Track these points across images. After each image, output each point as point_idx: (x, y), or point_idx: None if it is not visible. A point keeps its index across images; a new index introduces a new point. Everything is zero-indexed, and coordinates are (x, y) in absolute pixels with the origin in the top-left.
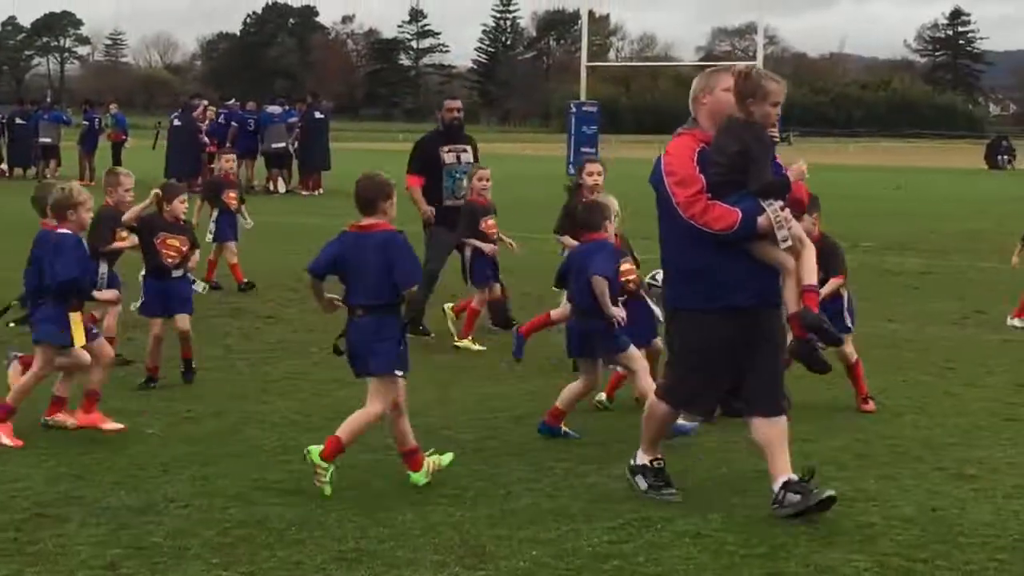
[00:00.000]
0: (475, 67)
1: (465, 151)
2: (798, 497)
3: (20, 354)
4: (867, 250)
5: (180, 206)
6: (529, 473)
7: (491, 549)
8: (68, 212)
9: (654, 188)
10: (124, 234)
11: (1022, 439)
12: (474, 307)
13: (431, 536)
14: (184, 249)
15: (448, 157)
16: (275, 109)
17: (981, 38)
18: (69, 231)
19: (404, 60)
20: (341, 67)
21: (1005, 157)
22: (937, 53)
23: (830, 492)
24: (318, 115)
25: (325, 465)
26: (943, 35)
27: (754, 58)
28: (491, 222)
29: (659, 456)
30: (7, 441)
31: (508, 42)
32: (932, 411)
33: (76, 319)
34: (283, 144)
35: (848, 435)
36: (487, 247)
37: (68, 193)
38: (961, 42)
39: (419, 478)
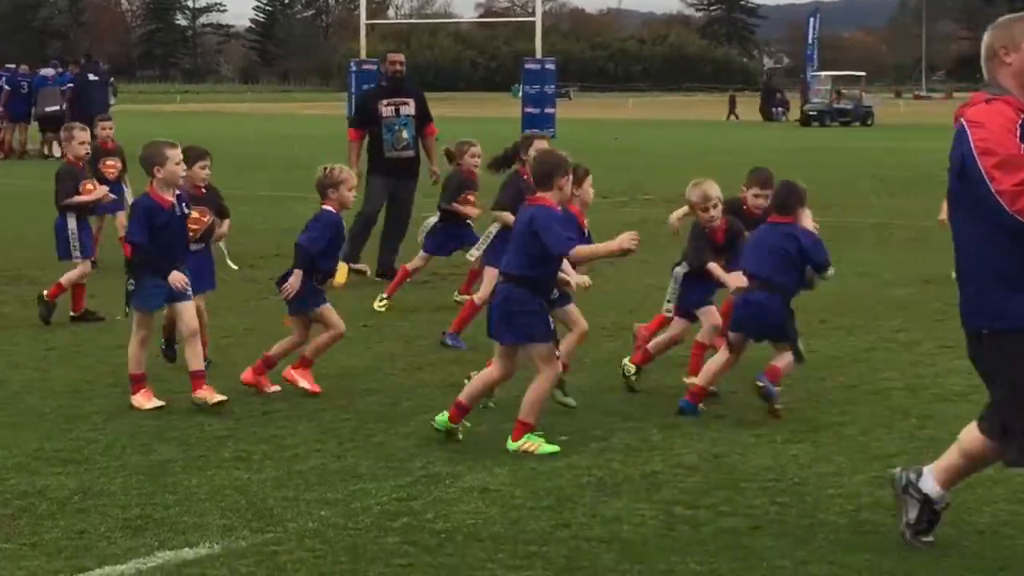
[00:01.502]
0: (253, 26)
1: (406, 103)
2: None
3: None
4: (647, 202)
5: (200, 172)
6: (315, 435)
7: (279, 511)
8: (329, 191)
9: (955, 167)
10: (90, 186)
11: (798, 386)
12: (408, 268)
13: (218, 500)
14: (205, 220)
15: (387, 111)
16: (48, 72)
17: None
18: (331, 208)
19: (180, 20)
20: (115, 27)
21: (780, 109)
22: (712, 8)
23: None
24: (92, 77)
25: (523, 442)
26: None
27: (533, 14)
28: (471, 198)
29: (949, 502)
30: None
31: (287, 0)
32: None
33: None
34: (57, 107)
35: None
36: (472, 211)
37: (329, 173)
38: None
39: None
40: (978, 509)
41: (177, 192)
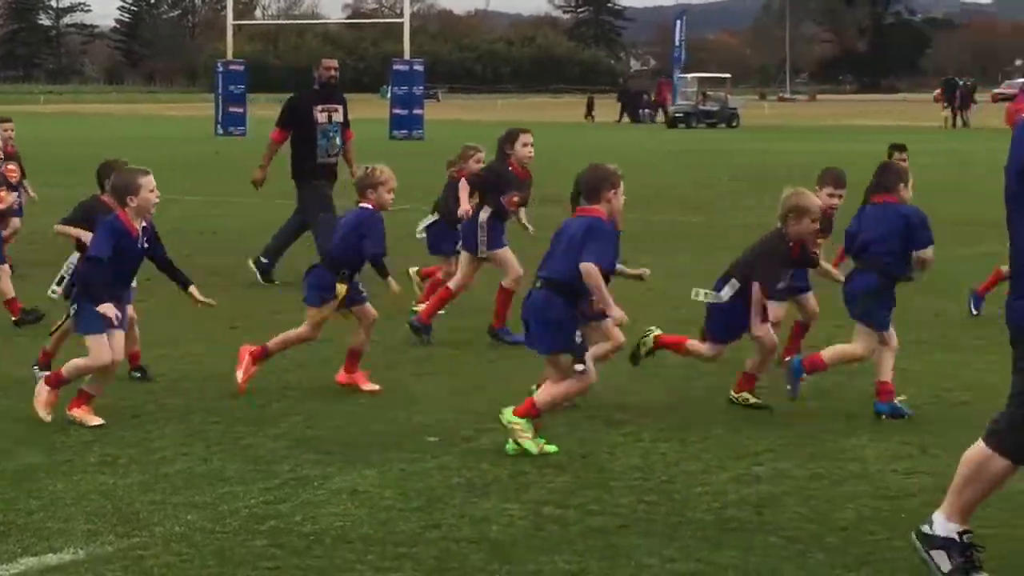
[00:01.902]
0: (118, 27)
1: (336, 111)
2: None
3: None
4: None
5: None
6: (182, 438)
7: (145, 516)
8: (369, 191)
9: (1016, 167)
10: (3, 193)
11: (663, 385)
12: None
13: (83, 505)
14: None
15: (321, 116)
16: None
17: None
18: (370, 206)
19: (44, 20)
20: None
21: (647, 111)
22: (580, 10)
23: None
24: None
25: (521, 421)
26: None
27: (401, 15)
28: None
29: (970, 528)
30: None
31: (152, 0)
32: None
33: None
34: None
35: (497, 389)
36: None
37: (371, 173)
38: None
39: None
40: (842, 506)
41: (143, 224)
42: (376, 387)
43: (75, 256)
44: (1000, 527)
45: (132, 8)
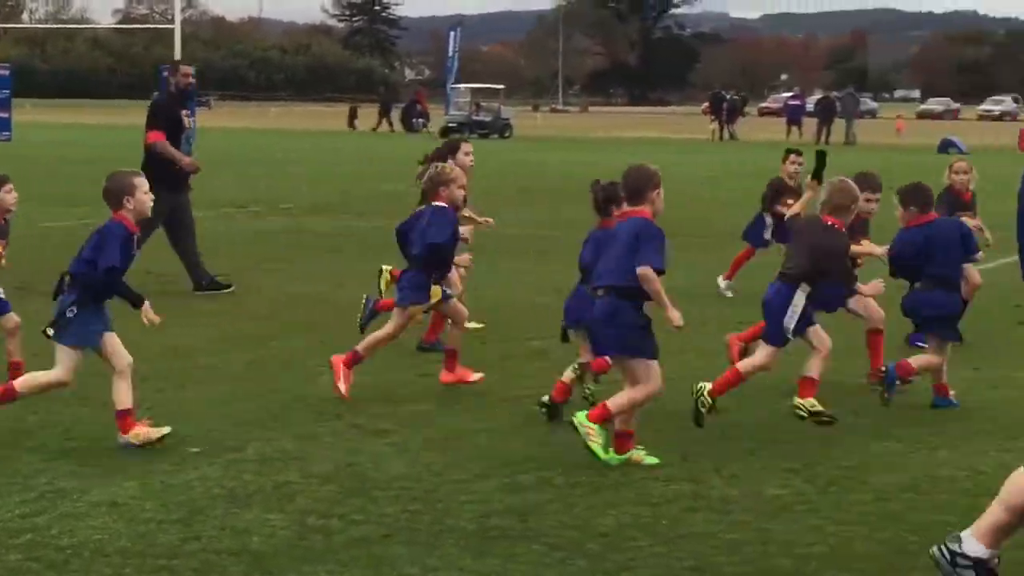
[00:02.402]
0: None
1: (189, 115)
2: None
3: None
4: (286, 212)
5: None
6: None
7: None
8: (440, 188)
9: None
10: None
11: (431, 393)
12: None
13: None
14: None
15: (186, 120)
16: None
17: (397, 4)
18: (443, 203)
19: None
20: None
21: (420, 120)
22: (354, 19)
23: None
24: None
25: (594, 426)
26: (360, 1)
27: (172, 21)
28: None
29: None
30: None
31: None
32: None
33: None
34: None
35: (263, 398)
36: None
37: (441, 171)
38: (377, 8)
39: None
40: (603, 513)
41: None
42: (479, 375)
43: None
44: None
45: None
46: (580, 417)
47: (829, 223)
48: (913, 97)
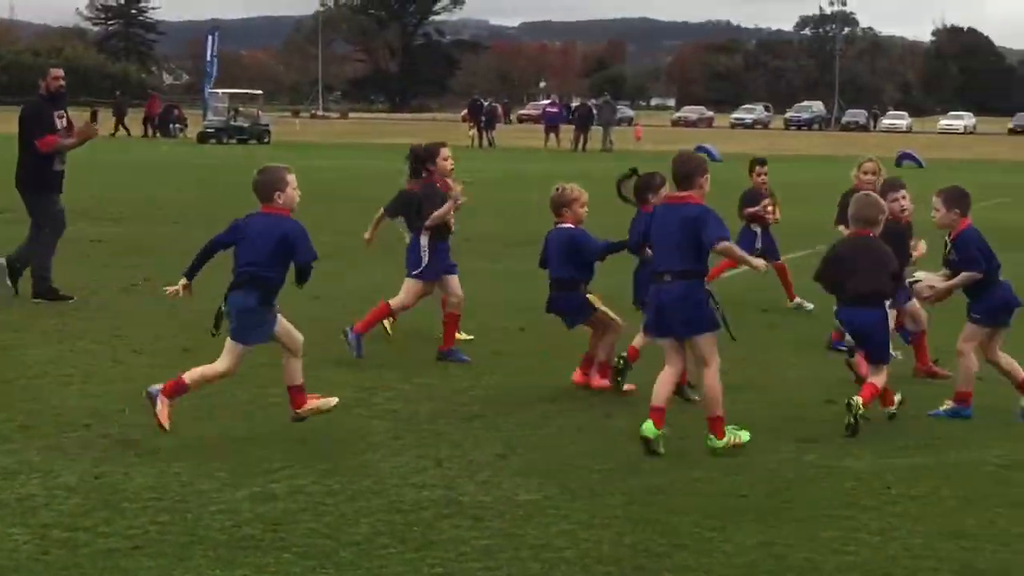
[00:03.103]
0: None
1: (63, 118)
2: None
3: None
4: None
5: None
6: None
7: None
8: (563, 209)
9: None
10: None
11: (188, 403)
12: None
13: None
14: None
15: (59, 123)
16: None
17: (154, 8)
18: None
19: None
20: None
21: (177, 126)
22: (110, 22)
23: None
24: None
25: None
26: (115, 4)
27: None
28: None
29: None
30: None
31: None
32: (100, 379)
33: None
34: None
35: (9, 409)
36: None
37: (563, 192)
38: (134, 11)
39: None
40: (356, 521)
41: None
42: (605, 382)
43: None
44: None
45: None
46: (648, 427)
47: (870, 235)
48: (668, 105)
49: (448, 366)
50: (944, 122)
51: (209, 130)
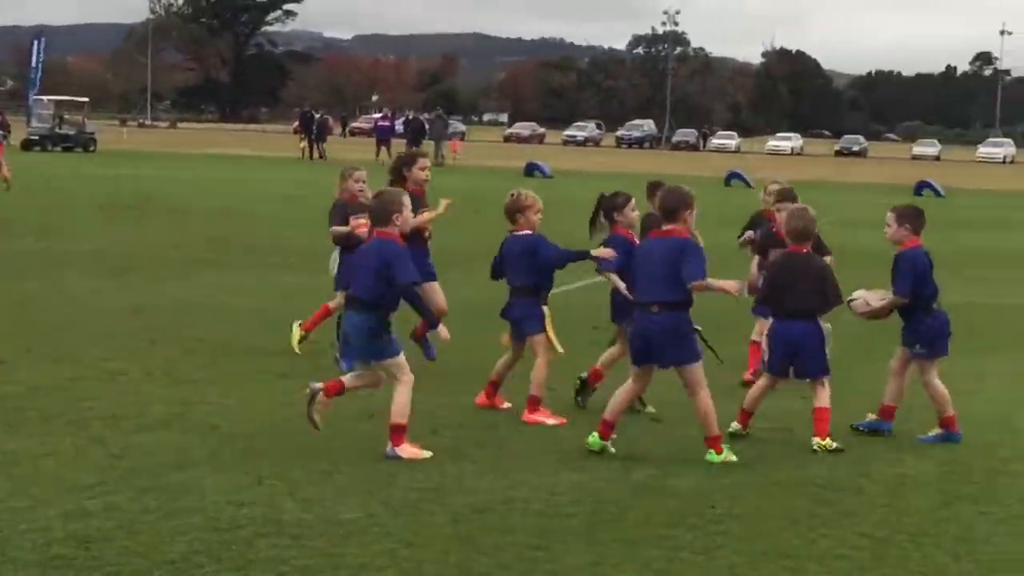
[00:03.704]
0: None
1: None
2: None
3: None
4: None
5: None
6: None
7: None
8: (518, 215)
9: None
10: None
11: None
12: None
13: None
14: None
15: None
16: None
17: None
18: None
19: None
20: None
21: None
22: None
23: None
24: None
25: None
26: None
27: None
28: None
29: None
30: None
31: None
32: None
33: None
34: None
35: None
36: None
37: (518, 198)
38: None
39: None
40: (172, 539)
41: None
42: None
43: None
44: None
45: None
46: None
47: (804, 252)
48: (501, 121)
49: (268, 379)
50: (772, 143)
51: (33, 137)
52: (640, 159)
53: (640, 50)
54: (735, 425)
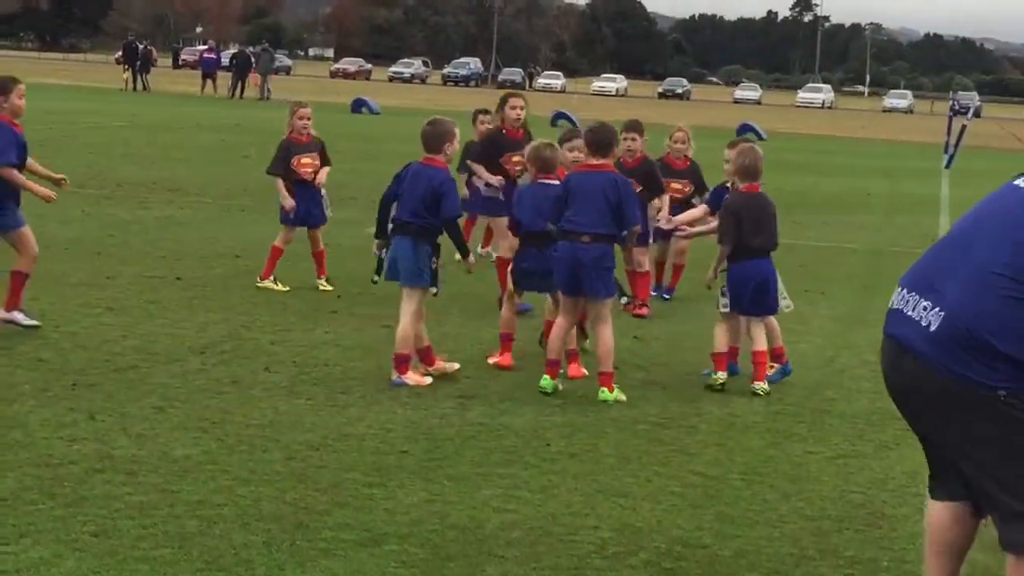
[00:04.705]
0: None
1: None
2: None
3: None
4: None
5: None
6: None
7: None
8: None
9: None
10: None
11: None
12: (278, 246)
13: None
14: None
15: None
16: None
17: None
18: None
19: None
20: None
21: None
22: None
23: None
24: None
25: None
26: None
27: None
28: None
29: None
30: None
31: None
32: None
33: None
34: None
35: None
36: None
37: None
38: None
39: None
40: (1, 474)
41: None
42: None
43: None
44: None
45: None
46: (545, 382)
47: (760, 190)
48: (327, 56)
49: (102, 314)
50: (598, 84)
51: None
52: (467, 97)
53: None
54: (720, 374)
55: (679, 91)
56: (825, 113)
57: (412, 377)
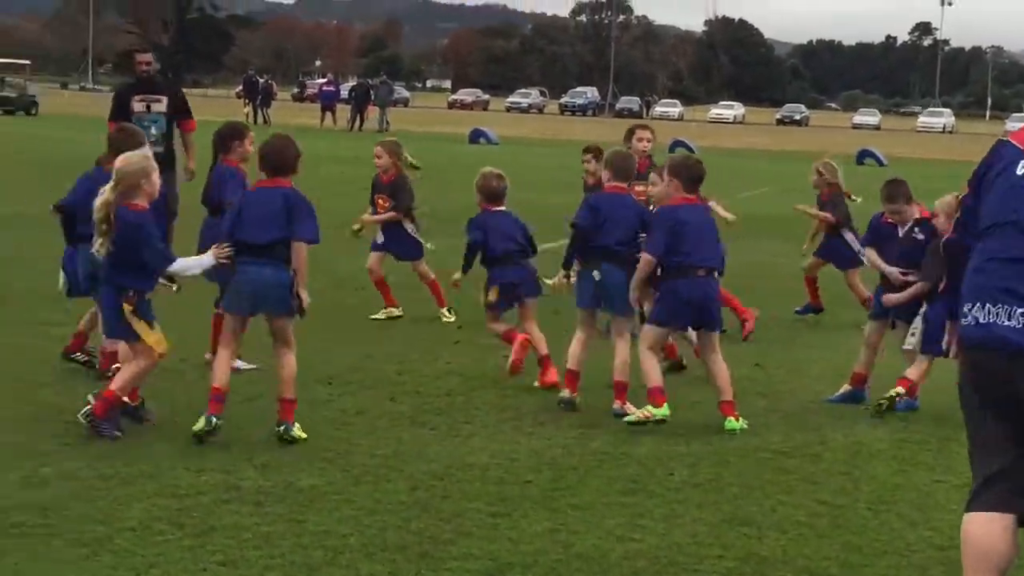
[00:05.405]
0: None
1: (158, 101)
2: None
3: None
4: None
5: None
6: None
7: None
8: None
9: None
10: None
11: None
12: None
13: None
14: None
15: (138, 106)
16: None
17: None
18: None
19: None
20: None
21: None
22: None
23: None
24: None
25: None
26: None
27: None
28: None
29: None
30: None
31: None
32: None
33: None
34: None
35: None
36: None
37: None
38: None
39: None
40: (130, 505)
41: None
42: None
43: None
44: None
45: None
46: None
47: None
48: (445, 87)
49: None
50: (715, 111)
51: None
52: (584, 126)
53: (583, 17)
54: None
55: (797, 117)
56: (946, 138)
57: (631, 409)
